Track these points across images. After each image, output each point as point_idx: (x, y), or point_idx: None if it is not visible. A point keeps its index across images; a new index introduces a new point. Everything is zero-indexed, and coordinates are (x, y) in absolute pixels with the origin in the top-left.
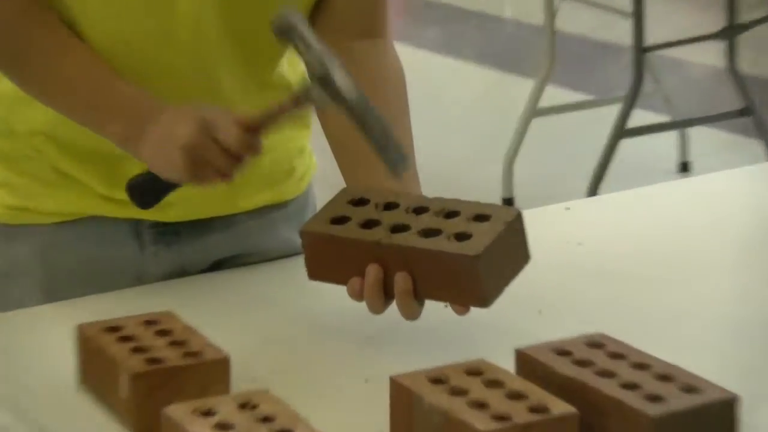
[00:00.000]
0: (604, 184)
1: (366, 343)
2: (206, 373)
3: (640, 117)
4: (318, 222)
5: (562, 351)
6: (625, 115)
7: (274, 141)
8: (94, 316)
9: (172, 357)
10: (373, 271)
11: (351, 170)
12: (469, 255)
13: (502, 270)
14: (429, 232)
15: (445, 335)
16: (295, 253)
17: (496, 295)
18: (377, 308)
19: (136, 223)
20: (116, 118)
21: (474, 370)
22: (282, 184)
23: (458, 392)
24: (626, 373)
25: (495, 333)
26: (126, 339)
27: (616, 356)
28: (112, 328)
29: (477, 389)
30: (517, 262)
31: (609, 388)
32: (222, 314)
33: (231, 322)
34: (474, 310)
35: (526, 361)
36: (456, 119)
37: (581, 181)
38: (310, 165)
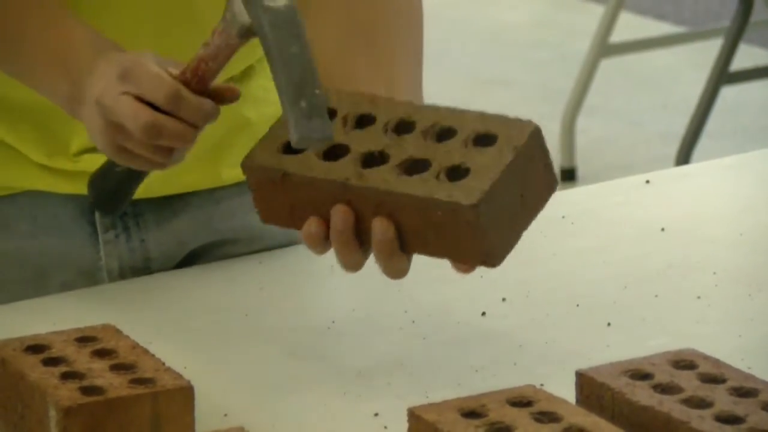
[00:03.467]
0: (699, 149)
1: (374, 365)
2: (162, 406)
3: (748, 56)
4: (265, 150)
5: (638, 373)
6: (728, 54)
7: (266, 89)
8: (12, 330)
9: (115, 385)
10: (340, 214)
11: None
12: (463, 204)
13: (515, 212)
14: (413, 166)
15: (479, 352)
16: (292, 243)
17: (506, 248)
18: (352, 260)
19: (87, 202)
20: (60, 70)
21: (521, 400)
22: None
23: (500, 429)
24: (725, 401)
25: (548, 350)
26: (54, 361)
27: (712, 379)
28: (35, 347)
29: (525, 425)
30: (537, 193)
31: (701, 422)
32: (184, 327)
33: (196, 339)
34: (518, 320)
35: (590, 387)
36: (497, 61)
37: (667, 145)
38: None
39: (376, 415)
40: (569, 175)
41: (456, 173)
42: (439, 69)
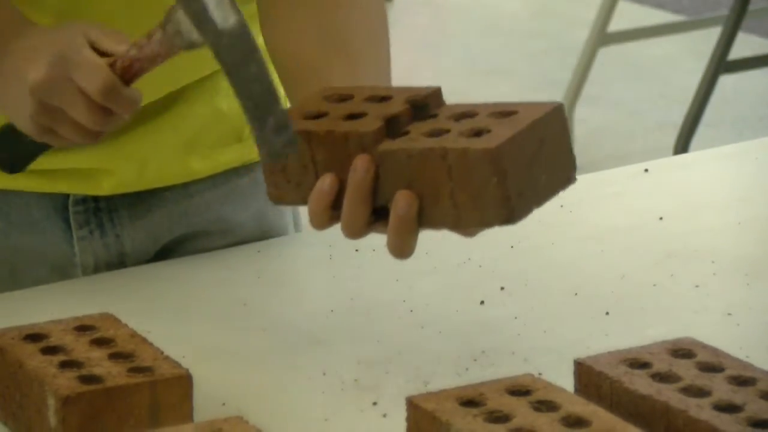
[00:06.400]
0: (698, 137)
1: (372, 354)
2: (160, 394)
3: (746, 44)
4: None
5: (636, 362)
6: (726, 43)
7: None
8: (7, 320)
9: (114, 374)
10: (362, 163)
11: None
12: (488, 148)
13: (534, 177)
14: (436, 132)
15: (478, 341)
16: (271, 235)
17: (524, 209)
18: (358, 221)
19: (61, 199)
20: None
21: (519, 389)
22: (250, 139)
23: (498, 418)
24: (723, 390)
25: (547, 339)
26: (52, 350)
27: (710, 368)
28: (34, 336)
29: (523, 414)
30: (554, 175)
31: (700, 410)
32: (182, 316)
33: (194, 328)
34: (516, 310)
35: (588, 376)
36: (495, 51)
37: (665, 134)
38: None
39: (375, 404)
40: None
41: (479, 133)
42: (438, 59)
